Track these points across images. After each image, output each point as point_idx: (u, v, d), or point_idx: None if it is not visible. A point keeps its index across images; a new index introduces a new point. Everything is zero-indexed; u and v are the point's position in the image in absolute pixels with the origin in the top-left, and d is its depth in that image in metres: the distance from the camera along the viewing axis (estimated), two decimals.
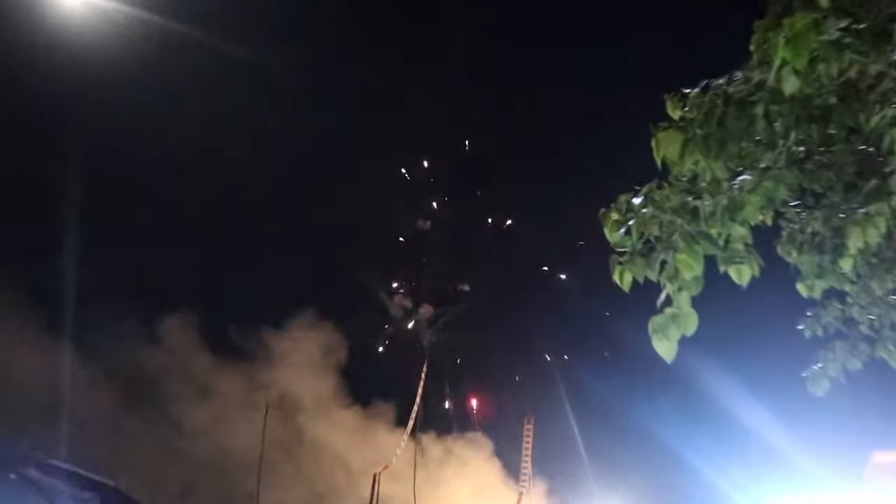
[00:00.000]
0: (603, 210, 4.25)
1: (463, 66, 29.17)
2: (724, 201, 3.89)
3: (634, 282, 4.14)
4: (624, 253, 4.12)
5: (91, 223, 22.96)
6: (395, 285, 32.55)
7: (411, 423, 28.09)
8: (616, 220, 4.16)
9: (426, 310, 32.40)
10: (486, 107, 31.10)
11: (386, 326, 32.30)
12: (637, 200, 4.13)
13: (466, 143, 32.07)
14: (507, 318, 30.87)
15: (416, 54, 30.24)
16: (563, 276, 31.56)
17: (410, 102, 28.80)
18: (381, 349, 31.37)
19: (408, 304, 32.41)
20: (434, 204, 32.31)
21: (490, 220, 32.31)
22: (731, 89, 3.83)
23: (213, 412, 26.21)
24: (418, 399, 28.71)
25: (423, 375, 29.49)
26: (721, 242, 3.97)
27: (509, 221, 32.31)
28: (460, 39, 28.61)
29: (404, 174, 32.37)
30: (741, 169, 3.96)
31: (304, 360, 28.76)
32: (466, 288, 32.61)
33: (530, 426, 28.14)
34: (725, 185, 3.92)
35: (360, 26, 27.08)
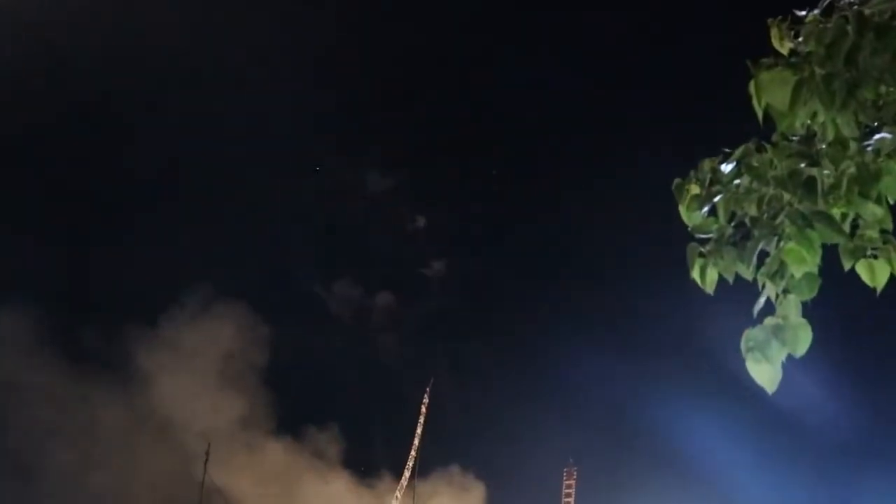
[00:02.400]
0: (678, 181, 4.24)
1: None
2: (853, 169, 3.88)
3: (721, 281, 4.16)
4: (707, 241, 4.13)
5: None
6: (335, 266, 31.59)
7: (407, 473, 27.67)
8: (697, 196, 4.16)
9: (385, 301, 31.58)
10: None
11: (323, 324, 31.53)
12: (727, 168, 4.10)
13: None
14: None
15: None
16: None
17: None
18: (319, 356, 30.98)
19: (355, 292, 31.73)
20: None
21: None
22: (867, 9, 3.82)
23: (74, 450, 25.95)
24: (416, 442, 28.09)
25: (423, 409, 28.86)
26: (846, 227, 3.98)
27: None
28: None
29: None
30: (878, 124, 3.94)
31: (198, 368, 28.44)
32: (443, 270, 31.71)
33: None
34: (855, 146, 3.90)
35: None
